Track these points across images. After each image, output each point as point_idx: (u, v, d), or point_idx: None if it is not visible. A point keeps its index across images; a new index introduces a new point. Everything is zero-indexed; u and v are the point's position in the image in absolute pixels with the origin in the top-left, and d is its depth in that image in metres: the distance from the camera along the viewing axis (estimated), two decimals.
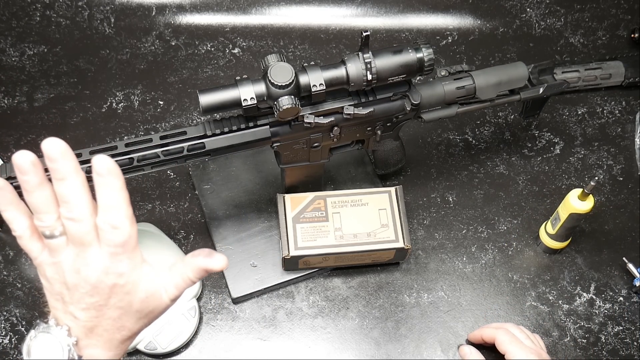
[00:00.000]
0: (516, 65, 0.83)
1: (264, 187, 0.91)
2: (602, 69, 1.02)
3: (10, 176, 0.68)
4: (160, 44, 1.07)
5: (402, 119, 0.80)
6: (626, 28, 1.11)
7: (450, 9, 1.11)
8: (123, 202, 0.51)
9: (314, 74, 0.70)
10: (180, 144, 0.72)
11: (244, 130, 0.73)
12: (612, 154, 0.99)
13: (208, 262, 0.54)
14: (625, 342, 0.83)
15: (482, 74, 0.81)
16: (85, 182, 0.51)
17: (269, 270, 0.84)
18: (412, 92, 0.77)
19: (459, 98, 0.81)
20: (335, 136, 0.77)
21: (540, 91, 0.84)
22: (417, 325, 0.83)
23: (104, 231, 0.51)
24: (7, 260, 0.86)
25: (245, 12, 1.10)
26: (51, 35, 1.06)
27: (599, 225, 0.92)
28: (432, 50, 0.72)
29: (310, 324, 0.83)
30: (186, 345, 0.80)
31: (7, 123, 0.97)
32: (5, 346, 0.79)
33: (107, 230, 0.50)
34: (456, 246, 0.90)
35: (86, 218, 0.50)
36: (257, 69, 1.05)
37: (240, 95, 0.68)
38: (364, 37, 0.69)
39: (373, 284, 0.86)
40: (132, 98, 1.01)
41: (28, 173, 0.50)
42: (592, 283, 0.87)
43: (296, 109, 0.69)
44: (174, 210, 0.91)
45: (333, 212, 0.83)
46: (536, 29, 1.11)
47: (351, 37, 1.09)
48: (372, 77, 0.70)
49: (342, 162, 0.93)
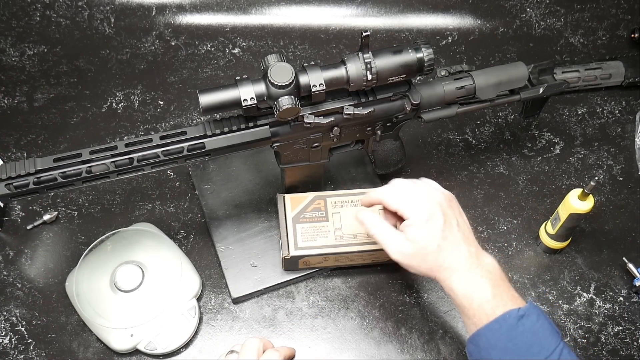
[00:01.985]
0: (516, 65, 0.83)
1: (264, 187, 0.91)
2: (602, 69, 1.02)
3: (10, 176, 0.68)
4: (160, 44, 1.07)
5: (402, 119, 0.80)
6: (626, 28, 1.11)
7: (450, 9, 1.11)
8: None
9: (314, 74, 0.70)
10: (180, 144, 0.72)
11: (244, 130, 0.73)
12: (612, 154, 0.99)
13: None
14: (625, 342, 0.83)
15: (482, 74, 0.81)
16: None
17: (269, 270, 0.84)
18: (412, 92, 0.77)
19: (459, 98, 0.81)
20: (335, 136, 0.77)
21: (540, 91, 0.84)
22: (417, 325, 0.83)
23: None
24: (7, 260, 0.86)
25: (245, 12, 1.10)
26: (51, 35, 1.06)
27: (599, 225, 0.92)
28: (432, 50, 0.72)
29: (310, 324, 0.83)
30: (186, 345, 0.80)
31: (7, 123, 0.97)
32: (5, 346, 0.79)
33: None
34: None
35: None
36: (257, 69, 1.05)
37: (240, 95, 0.68)
38: (364, 37, 0.69)
39: (373, 284, 0.86)
40: (132, 98, 1.01)
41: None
42: (592, 283, 0.87)
43: (296, 109, 0.69)
44: (174, 210, 0.91)
45: (333, 212, 0.83)
46: (536, 29, 1.11)
47: (351, 37, 1.09)
48: (372, 77, 0.70)
49: (342, 162, 0.93)
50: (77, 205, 0.90)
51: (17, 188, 0.68)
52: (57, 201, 0.90)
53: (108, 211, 0.90)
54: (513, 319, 0.63)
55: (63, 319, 0.81)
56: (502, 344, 0.63)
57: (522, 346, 0.62)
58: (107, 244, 0.84)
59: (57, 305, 0.82)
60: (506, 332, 0.63)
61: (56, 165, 0.69)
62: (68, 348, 0.80)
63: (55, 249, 0.87)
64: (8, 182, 0.68)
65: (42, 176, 0.69)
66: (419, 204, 0.69)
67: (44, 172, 0.69)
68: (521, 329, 0.63)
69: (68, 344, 0.80)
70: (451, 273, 0.67)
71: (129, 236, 0.85)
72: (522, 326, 0.63)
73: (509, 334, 0.63)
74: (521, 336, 0.63)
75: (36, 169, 0.68)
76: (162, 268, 0.82)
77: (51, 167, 0.69)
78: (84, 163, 0.70)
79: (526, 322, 0.63)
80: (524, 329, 0.63)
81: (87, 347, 0.80)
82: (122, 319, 0.78)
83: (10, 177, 0.68)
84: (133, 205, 0.91)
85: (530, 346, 0.63)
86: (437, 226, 0.68)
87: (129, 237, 0.85)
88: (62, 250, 0.87)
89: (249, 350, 0.66)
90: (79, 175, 0.70)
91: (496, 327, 0.64)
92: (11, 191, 0.68)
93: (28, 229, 0.88)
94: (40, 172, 0.69)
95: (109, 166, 0.70)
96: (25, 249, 0.87)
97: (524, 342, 0.63)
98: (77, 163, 0.70)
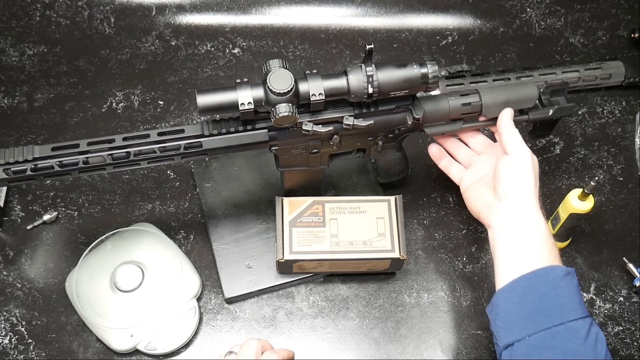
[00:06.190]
0: (526, 84, 0.81)
1: (265, 188, 0.91)
2: (602, 69, 1.02)
3: (8, 161, 0.69)
4: (160, 44, 1.07)
5: (404, 131, 0.79)
6: (626, 28, 1.11)
7: (450, 9, 1.11)
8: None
9: (314, 82, 0.69)
10: (178, 141, 0.72)
11: (242, 132, 0.73)
12: (612, 154, 0.99)
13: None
14: (625, 342, 0.83)
15: (490, 91, 0.79)
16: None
17: (263, 272, 0.84)
18: (415, 106, 0.76)
19: (464, 115, 0.79)
20: (335, 144, 0.77)
21: (549, 113, 0.81)
22: (417, 325, 0.83)
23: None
24: (7, 260, 0.86)
25: (245, 12, 1.10)
26: (51, 35, 1.06)
27: (599, 225, 0.92)
28: (437, 67, 0.70)
29: (310, 324, 0.83)
30: (186, 345, 0.80)
31: (7, 123, 0.97)
32: (5, 346, 0.79)
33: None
34: (456, 246, 0.90)
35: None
36: (257, 69, 1.05)
37: (238, 98, 0.68)
38: (367, 51, 0.68)
39: (373, 284, 0.86)
40: (132, 98, 1.01)
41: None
42: (592, 283, 0.87)
43: (293, 118, 0.68)
44: (174, 210, 0.91)
45: (330, 217, 0.82)
46: (536, 29, 1.11)
47: (351, 37, 1.09)
48: (374, 90, 0.69)
49: (344, 168, 0.93)
50: (77, 205, 0.90)
51: (15, 173, 0.70)
52: (57, 201, 0.90)
53: (108, 211, 0.90)
54: (560, 272, 0.68)
55: (63, 319, 0.81)
56: (544, 292, 0.67)
57: (563, 298, 0.67)
58: (107, 244, 0.84)
59: (57, 305, 0.82)
60: (552, 281, 0.67)
61: (54, 154, 0.71)
62: (68, 348, 0.80)
63: (55, 249, 0.87)
64: (6, 167, 0.70)
65: (40, 164, 0.70)
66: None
67: (41, 160, 0.70)
68: (565, 283, 0.67)
69: (68, 344, 0.80)
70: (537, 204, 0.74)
71: (129, 236, 0.85)
72: (566, 282, 0.68)
73: (554, 284, 0.67)
74: (564, 289, 0.67)
75: (34, 156, 0.70)
76: (162, 268, 0.82)
77: (49, 155, 0.70)
78: (81, 154, 0.71)
79: (571, 280, 0.68)
80: (568, 284, 0.68)
81: (87, 347, 0.80)
82: (122, 319, 0.78)
83: (9, 163, 0.70)
84: (133, 205, 0.91)
85: (570, 301, 0.67)
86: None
87: (129, 237, 0.85)
88: (62, 250, 0.87)
89: (247, 351, 0.66)
90: (76, 165, 0.71)
91: (543, 274, 0.68)
92: (9, 176, 0.70)
93: (28, 229, 0.88)
94: (38, 159, 0.70)
95: (105, 158, 0.71)
96: (25, 249, 0.87)
97: (565, 295, 0.67)
98: (75, 153, 0.71)
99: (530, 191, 0.73)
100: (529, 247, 0.71)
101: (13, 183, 0.71)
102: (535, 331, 0.65)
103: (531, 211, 0.72)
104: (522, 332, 0.66)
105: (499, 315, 0.69)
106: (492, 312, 0.71)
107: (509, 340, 0.67)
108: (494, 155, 0.80)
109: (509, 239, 0.73)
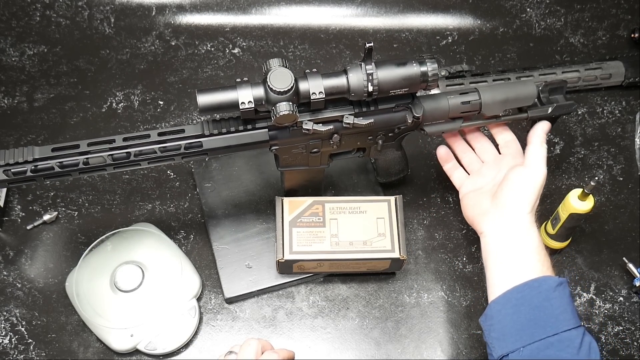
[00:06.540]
0: (525, 83, 0.81)
1: (265, 188, 0.91)
2: (602, 69, 1.02)
3: (8, 162, 0.69)
4: (160, 44, 1.07)
5: (404, 130, 0.80)
6: (626, 28, 1.11)
7: (450, 9, 1.11)
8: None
9: (314, 81, 0.69)
10: (178, 141, 0.72)
11: (242, 132, 0.73)
12: (612, 154, 0.99)
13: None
14: (625, 342, 0.83)
15: (489, 90, 0.79)
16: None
17: (263, 272, 0.84)
18: (414, 104, 0.76)
19: (464, 113, 0.80)
20: (335, 143, 0.77)
21: (548, 111, 0.81)
22: (417, 325, 0.83)
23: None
24: (7, 260, 0.86)
25: (245, 12, 1.10)
26: (51, 35, 1.06)
27: (599, 225, 0.92)
28: (436, 65, 0.70)
29: (310, 324, 0.83)
30: (186, 345, 0.80)
31: (7, 123, 0.97)
32: (5, 346, 0.79)
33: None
34: (456, 246, 0.90)
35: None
36: (257, 69, 1.05)
37: (239, 98, 0.68)
38: (367, 49, 0.68)
39: (373, 284, 0.86)
40: (132, 98, 1.01)
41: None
42: (592, 283, 0.87)
43: (293, 116, 0.68)
44: (174, 210, 0.91)
45: (331, 217, 0.82)
46: (536, 29, 1.11)
47: (351, 37, 1.09)
48: (373, 88, 0.69)
49: (344, 168, 0.93)
50: (77, 205, 0.90)
51: (15, 174, 0.70)
52: (57, 201, 0.90)
53: (108, 211, 0.90)
54: (552, 283, 0.68)
55: (63, 319, 0.81)
56: (537, 302, 0.67)
57: (556, 308, 0.67)
58: (107, 244, 0.84)
59: (57, 305, 0.82)
60: (545, 292, 0.68)
61: (54, 154, 0.70)
62: (68, 348, 0.80)
63: (55, 249, 0.87)
64: (6, 168, 0.69)
65: (40, 165, 0.70)
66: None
67: (42, 161, 0.70)
68: (557, 294, 0.68)
69: (68, 344, 0.80)
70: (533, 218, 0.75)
71: (129, 236, 0.85)
72: (558, 292, 0.68)
73: (547, 295, 0.68)
74: (557, 299, 0.68)
75: (34, 157, 0.70)
76: (162, 268, 0.82)
77: (49, 156, 0.70)
78: (81, 154, 0.71)
79: (563, 290, 0.69)
80: (561, 295, 0.68)
81: (87, 347, 0.80)
82: (122, 319, 0.78)
83: (9, 164, 0.69)
84: (133, 205, 0.91)
85: (563, 312, 0.67)
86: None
87: (129, 237, 0.85)
88: (62, 250, 0.87)
89: (247, 351, 0.66)
90: (76, 165, 0.71)
91: (536, 284, 0.68)
92: (9, 177, 0.70)
93: (28, 229, 0.88)
94: (39, 160, 0.70)
95: (105, 159, 0.71)
96: (25, 249, 0.87)
97: (558, 306, 0.67)
98: (75, 154, 0.71)
99: (529, 206, 0.74)
100: (522, 257, 0.71)
101: (13, 184, 0.71)
102: (529, 342, 0.65)
103: (524, 223, 0.73)
104: (516, 343, 0.66)
105: (493, 327, 0.69)
106: (485, 323, 0.71)
107: (504, 352, 0.67)
108: (497, 168, 0.81)
109: (501, 248, 0.73)
